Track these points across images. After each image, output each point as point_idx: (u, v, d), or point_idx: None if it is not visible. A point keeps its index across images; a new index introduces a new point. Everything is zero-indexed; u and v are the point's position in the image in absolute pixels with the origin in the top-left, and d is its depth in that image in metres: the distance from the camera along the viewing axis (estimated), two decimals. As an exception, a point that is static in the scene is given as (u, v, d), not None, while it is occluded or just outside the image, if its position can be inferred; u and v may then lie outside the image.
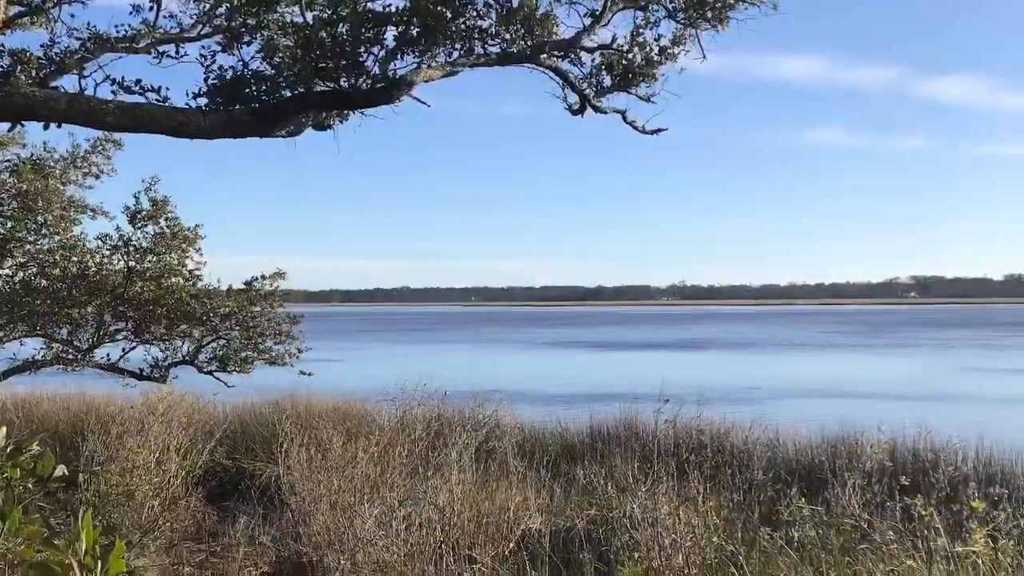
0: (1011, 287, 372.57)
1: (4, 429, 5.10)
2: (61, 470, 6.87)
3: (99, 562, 6.44)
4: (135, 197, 16.96)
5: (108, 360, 17.52)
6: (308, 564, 10.85)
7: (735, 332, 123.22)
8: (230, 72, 9.85)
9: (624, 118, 10.94)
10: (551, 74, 10.55)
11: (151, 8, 10.80)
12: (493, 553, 10.58)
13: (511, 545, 11.13)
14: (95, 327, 17.53)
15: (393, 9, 9.62)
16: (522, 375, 54.14)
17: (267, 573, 11.12)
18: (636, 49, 10.53)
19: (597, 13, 10.34)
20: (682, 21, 10.46)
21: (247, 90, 9.74)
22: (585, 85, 10.72)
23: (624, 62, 10.56)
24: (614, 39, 10.60)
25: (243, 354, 17.24)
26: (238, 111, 9.54)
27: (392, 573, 9.72)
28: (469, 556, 10.38)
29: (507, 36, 10.04)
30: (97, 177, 17.49)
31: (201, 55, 10.07)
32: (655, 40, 10.51)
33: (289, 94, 9.75)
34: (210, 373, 17.63)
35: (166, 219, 17.04)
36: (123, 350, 17.59)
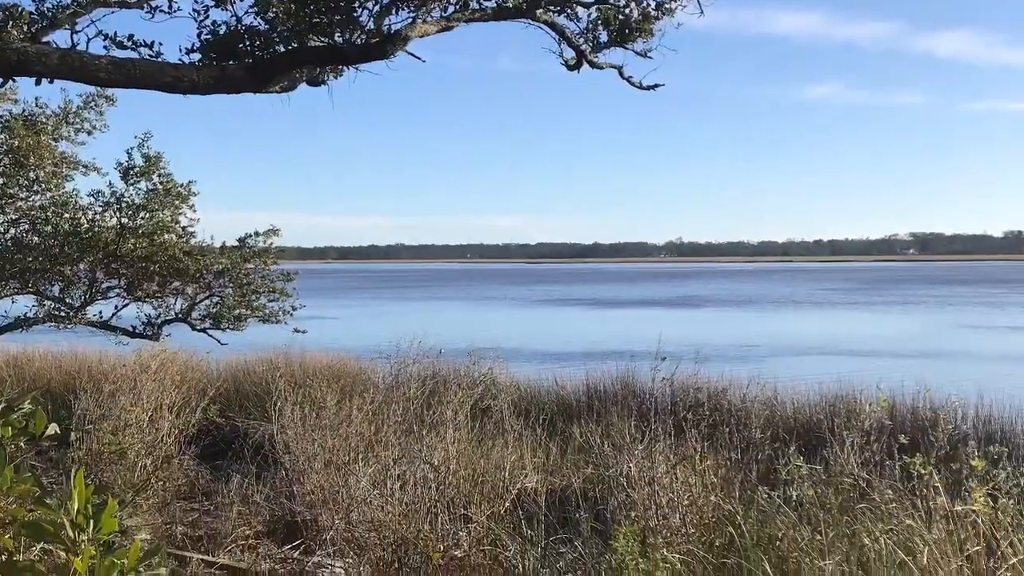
0: (1011, 243, 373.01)
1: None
2: (53, 429, 6.76)
3: (91, 521, 6.34)
4: (128, 153, 16.87)
5: (100, 318, 17.45)
6: (302, 523, 10.79)
7: (733, 289, 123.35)
8: (223, 27, 9.67)
9: (621, 74, 10.79)
10: (547, 29, 10.38)
11: (143, -38, 10.62)
12: (489, 512, 10.50)
13: (507, 504, 11.06)
14: (87, 284, 17.45)
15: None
16: (518, 333, 54.07)
17: (261, 532, 11.04)
18: (633, 4, 10.37)
19: (594, -33, 10.18)
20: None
21: (241, 45, 9.58)
22: (581, 40, 10.55)
23: (621, 17, 10.39)
24: (611, -7, 10.44)
25: (236, 311, 17.17)
26: (231, 66, 9.38)
27: (387, 532, 9.65)
28: (464, 515, 10.31)
29: (503, -10, 9.86)
30: (89, 133, 17.36)
31: (194, 10, 9.88)
32: (652, -6, 10.35)
33: (283, 49, 9.59)
34: (203, 331, 17.57)
35: (159, 175, 16.94)
36: (116, 308, 17.53)
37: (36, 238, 17.10)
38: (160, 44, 9.62)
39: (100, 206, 17.05)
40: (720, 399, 17.04)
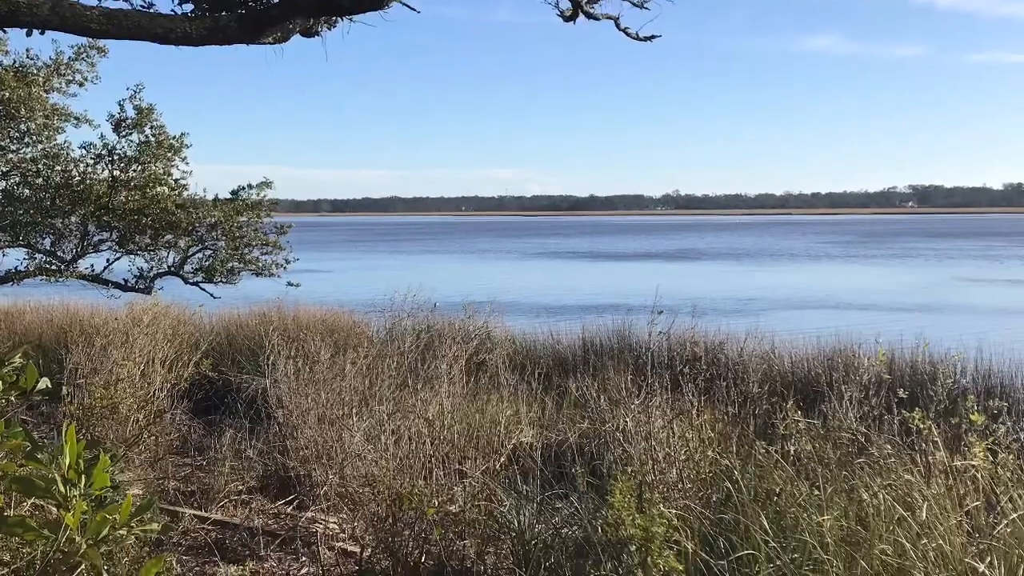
0: (1011, 196, 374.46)
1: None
2: (44, 383, 6.65)
3: (83, 476, 6.23)
4: (119, 105, 16.75)
5: (92, 271, 17.36)
6: (295, 478, 10.71)
7: (730, 242, 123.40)
8: (216, -23, 9.51)
9: (617, 24, 10.61)
10: (543, -23, 10.21)
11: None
12: (484, 467, 10.44)
13: (502, 459, 11.00)
14: (79, 237, 17.35)
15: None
16: (514, 286, 54.00)
17: (253, 487, 10.97)
18: (628, -48, 10.19)
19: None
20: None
21: (233, -4, 9.43)
22: (577, -11, 10.38)
23: (617, -35, 10.23)
24: (608, -59, 10.26)
25: (229, 264, 17.10)
26: (224, 17, 9.23)
27: (381, 487, 9.57)
28: (459, 470, 10.24)
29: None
30: (81, 85, 17.22)
31: (186, -40, 9.74)
32: (650, -58, 10.17)
33: (276, 0, 9.44)
34: (196, 284, 17.52)
35: (151, 127, 16.83)
36: (107, 261, 17.44)
37: (27, 191, 16.99)
38: (153, -6, 9.50)
39: (92, 158, 16.95)
40: (717, 353, 16.98)
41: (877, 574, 6.33)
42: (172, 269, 17.44)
